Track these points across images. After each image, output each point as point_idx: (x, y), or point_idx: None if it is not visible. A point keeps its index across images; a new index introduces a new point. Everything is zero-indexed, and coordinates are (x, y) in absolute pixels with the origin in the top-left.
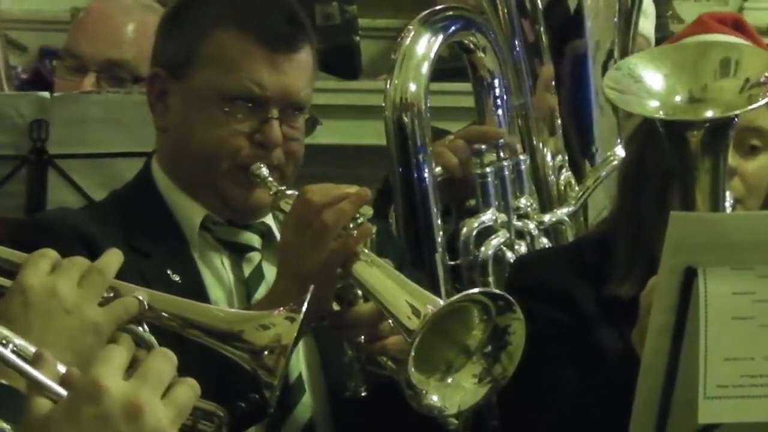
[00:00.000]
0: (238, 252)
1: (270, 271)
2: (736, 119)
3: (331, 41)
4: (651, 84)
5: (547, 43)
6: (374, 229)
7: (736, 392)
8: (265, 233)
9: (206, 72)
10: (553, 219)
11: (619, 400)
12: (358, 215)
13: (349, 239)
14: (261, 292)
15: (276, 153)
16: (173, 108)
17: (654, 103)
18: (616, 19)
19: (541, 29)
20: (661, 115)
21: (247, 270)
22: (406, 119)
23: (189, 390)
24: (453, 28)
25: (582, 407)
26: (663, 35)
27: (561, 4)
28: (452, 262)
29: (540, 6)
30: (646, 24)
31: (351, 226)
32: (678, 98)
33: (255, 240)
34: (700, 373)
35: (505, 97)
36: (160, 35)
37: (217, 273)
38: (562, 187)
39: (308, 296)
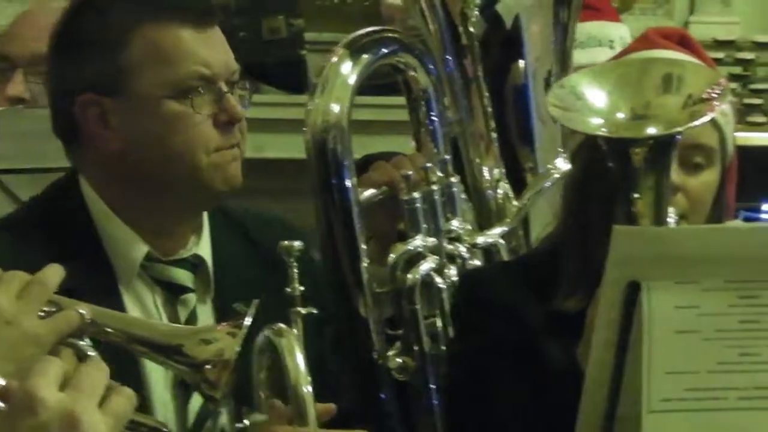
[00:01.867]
0: (172, 292)
1: (203, 313)
2: (678, 136)
3: (277, 55)
4: (594, 101)
5: (487, 61)
6: None
7: (679, 406)
8: (198, 267)
9: (145, 75)
10: (488, 241)
11: (565, 415)
12: None
13: None
14: None
15: (235, 131)
16: (119, 127)
17: (597, 121)
18: (553, 36)
19: (476, 44)
20: (603, 132)
21: (183, 314)
22: (327, 141)
23: (126, 400)
24: (382, 50)
25: (529, 422)
26: None
27: (497, 23)
28: (379, 290)
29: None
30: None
31: None
32: (621, 115)
33: (188, 278)
34: (643, 387)
35: (439, 112)
36: (63, 61)
37: (149, 316)
38: (500, 201)
39: (252, 309)
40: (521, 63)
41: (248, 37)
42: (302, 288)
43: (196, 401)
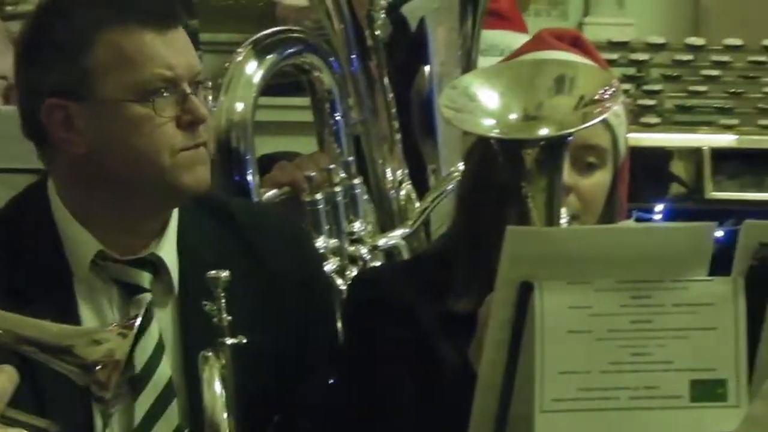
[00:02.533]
0: (128, 292)
1: (163, 314)
2: (570, 137)
3: None
4: (486, 102)
5: (393, 63)
6: None
7: (571, 406)
8: (158, 267)
9: (110, 78)
10: (389, 243)
11: (458, 416)
12: None
13: None
14: (148, 339)
15: (200, 131)
16: (84, 130)
17: (489, 122)
18: (460, 39)
19: (381, 46)
20: (496, 133)
21: (134, 314)
22: (231, 139)
23: (5, 377)
24: (286, 51)
25: (421, 423)
26: None
27: (402, 26)
28: None
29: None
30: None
31: None
32: (513, 116)
33: (145, 279)
34: (535, 387)
35: (343, 113)
36: (29, 66)
37: (103, 318)
38: (403, 202)
39: (142, 311)
40: (426, 65)
41: None
42: (230, 318)
43: None
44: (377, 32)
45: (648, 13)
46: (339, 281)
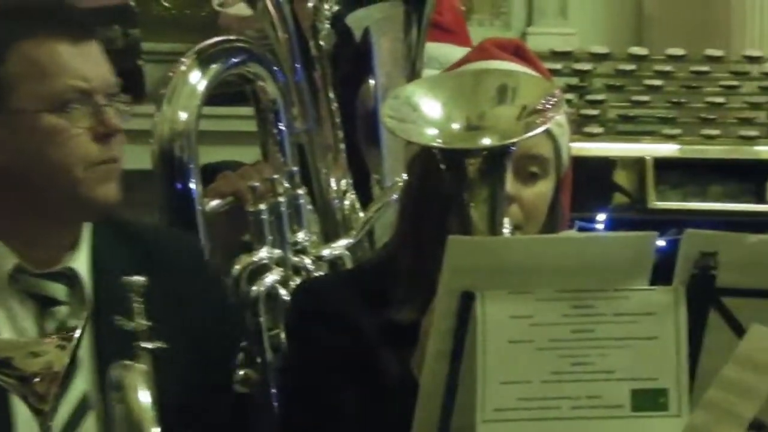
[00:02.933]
0: (43, 305)
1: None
2: (513, 147)
3: (113, 65)
4: (429, 112)
5: (337, 73)
6: None
7: (513, 415)
8: (72, 280)
9: (24, 89)
10: (333, 253)
11: (400, 426)
12: None
13: None
14: None
15: (113, 144)
16: (0, 142)
17: (432, 131)
18: (404, 49)
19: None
20: (438, 143)
21: (50, 327)
22: (174, 149)
23: None
24: (231, 60)
25: None
26: None
27: (347, 36)
28: None
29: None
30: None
31: None
32: (456, 126)
33: (60, 291)
34: (477, 397)
35: (288, 123)
36: None
37: (20, 331)
38: (347, 212)
39: (83, 323)
40: (371, 75)
41: None
42: (148, 323)
43: None
44: (322, 42)
45: (591, 23)
46: (282, 292)
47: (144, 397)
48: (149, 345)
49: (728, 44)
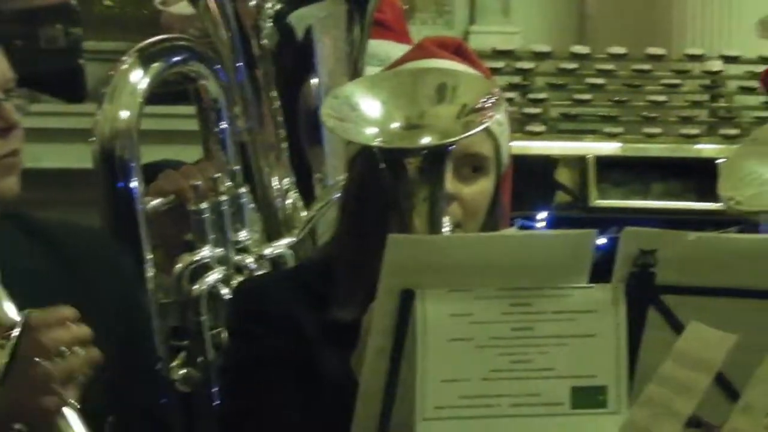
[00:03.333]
0: None
1: None
2: (452, 146)
3: (55, 64)
4: (369, 111)
5: (280, 72)
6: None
7: (453, 413)
8: None
9: None
10: (275, 252)
11: (340, 424)
12: None
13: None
14: None
15: (12, 138)
16: None
17: (372, 131)
18: (346, 47)
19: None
20: (378, 142)
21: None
22: (115, 148)
23: None
24: (172, 59)
25: None
26: None
27: (289, 34)
28: (164, 300)
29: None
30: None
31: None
32: (395, 125)
33: None
34: (417, 395)
35: (230, 122)
36: None
37: None
38: (289, 211)
39: (23, 320)
40: (313, 74)
41: (24, 45)
42: None
43: None
44: (264, 41)
45: (533, 22)
46: (224, 291)
47: None
48: None
49: (670, 43)
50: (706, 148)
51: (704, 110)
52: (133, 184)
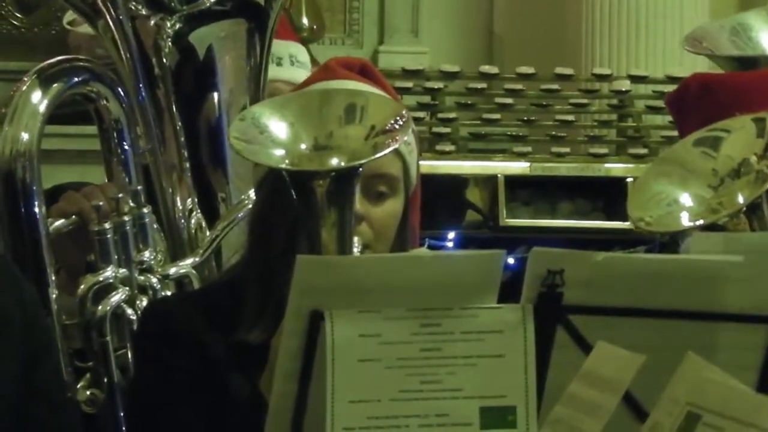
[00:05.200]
0: None
1: None
2: (361, 168)
3: None
4: (276, 133)
5: (181, 91)
6: None
7: None
8: None
9: None
10: (180, 272)
11: None
12: None
13: None
14: None
15: None
16: None
17: (280, 152)
18: (247, 66)
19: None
20: (286, 164)
21: None
22: (17, 170)
23: None
24: (73, 79)
25: None
26: None
27: (189, 53)
28: (68, 321)
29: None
30: (302, 73)
31: None
32: (303, 146)
33: None
34: (327, 417)
35: (132, 142)
36: None
37: None
38: (193, 231)
39: None
40: (215, 93)
41: None
42: None
43: None
44: (164, 60)
45: (442, 42)
46: (129, 311)
47: None
48: None
49: (578, 63)
50: (614, 167)
51: (612, 129)
52: (35, 206)
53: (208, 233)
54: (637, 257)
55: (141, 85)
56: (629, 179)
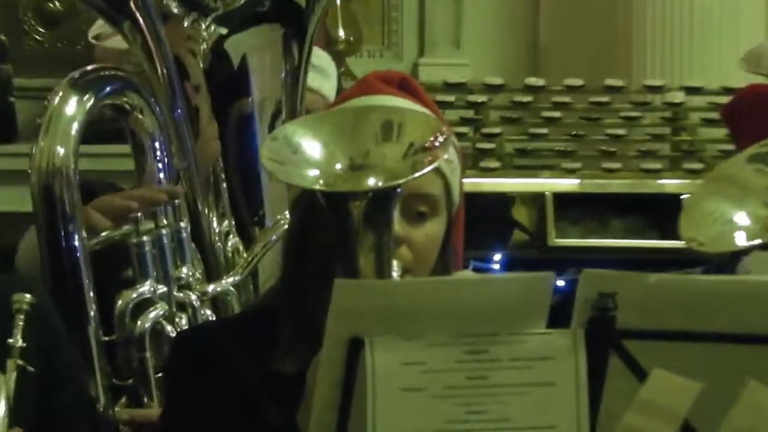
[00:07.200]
0: None
1: None
2: (399, 188)
3: None
4: (310, 152)
5: (211, 103)
6: None
7: None
8: None
9: None
10: (218, 289)
11: None
12: None
13: None
14: None
15: None
16: None
17: (314, 173)
18: (283, 76)
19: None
20: (320, 185)
21: None
22: (54, 186)
23: None
24: (107, 88)
25: None
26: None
27: (223, 61)
28: (106, 338)
29: (202, 65)
30: (326, 84)
31: None
32: (338, 166)
33: None
34: None
35: (166, 160)
36: None
37: None
38: (230, 254)
39: None
40: (250, 107)
41: None
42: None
43: None
44: (201, 68)
45: (485, 54)
46: (168, 328)
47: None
48: (19, 361)
49: (629, 74)
50: (668, 183)
51: (666, 144)
52: (74, 227)
53: (245, 255)
54: (693, 278)
55: (177, 98)
56: (684, 195)
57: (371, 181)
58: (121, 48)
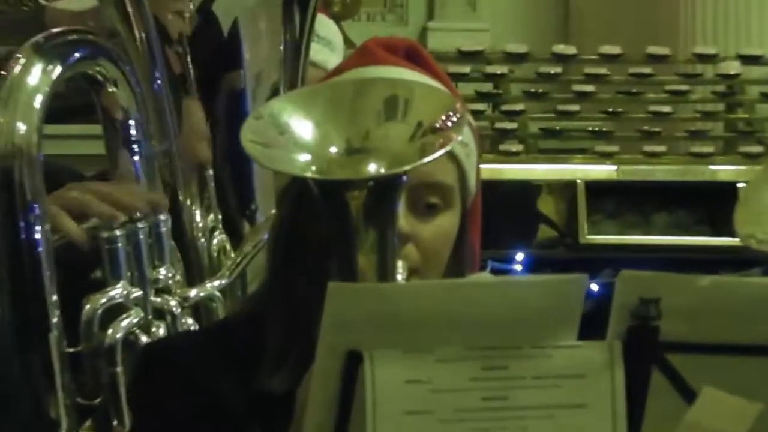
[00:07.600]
0: None
1: None
2: (405, 176)
3: None
4: (300, 134)
5: (197, 75)
6: None
7: None
8: None
9: None
10: (201, 294)
11: None
12: None
13: None
14: None
15: None
16: None
17: (305, 158)
18: (282, 47)
19: (189, 59)
20: (312, 172)
21: None
22: (13, 168)
23: None
24: (75, 55)
25: None
26: None
27: (212, 28)
28: (71, 349)
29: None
30: (332, 58)
31: None
32: (334, 150)
33: None
34: None
35: (143, 141)
36: None
37: None
38: (215, 254)
39: None
40: (239, 81)
41: None
42: None
43: None
44: (186, 36)
45: (506, 17)
46: (144, 338)
47: None
48: None
49: (675, 41)
50: (722, 170)
51: (719, 123)
52: (36, 218)
53: (232, 255)
54: (750, 282)
55: (157, 67)
56: (740, 184)
57: (372, 168)
58: (77, 9)
